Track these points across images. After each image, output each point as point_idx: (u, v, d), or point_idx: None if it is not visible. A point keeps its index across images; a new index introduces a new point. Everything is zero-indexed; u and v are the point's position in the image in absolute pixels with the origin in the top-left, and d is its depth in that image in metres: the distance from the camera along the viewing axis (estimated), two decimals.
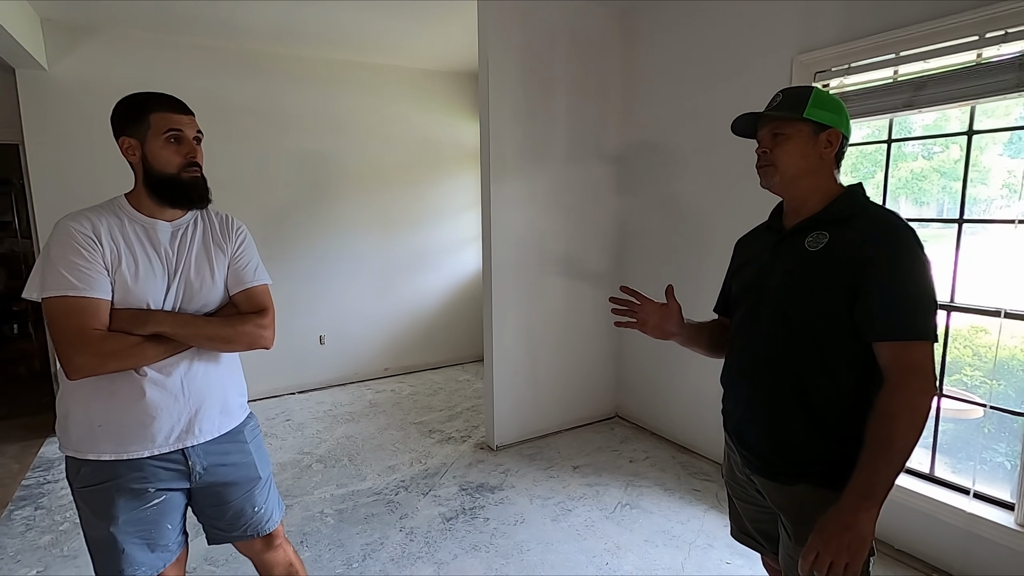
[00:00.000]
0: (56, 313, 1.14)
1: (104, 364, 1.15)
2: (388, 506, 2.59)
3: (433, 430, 3.50)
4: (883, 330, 1.03)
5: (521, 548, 2.27)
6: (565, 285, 3.36)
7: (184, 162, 1.26)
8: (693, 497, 2.64)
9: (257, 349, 1.35)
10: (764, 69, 2.55)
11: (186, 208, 1.32)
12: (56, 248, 1.16)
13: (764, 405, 1.19)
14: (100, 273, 1.17)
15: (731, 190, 2.76)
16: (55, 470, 3.01)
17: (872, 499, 0.97)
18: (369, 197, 4.35)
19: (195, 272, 1.29)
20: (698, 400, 3.04)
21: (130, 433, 1.21)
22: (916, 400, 1.00)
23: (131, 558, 1.25)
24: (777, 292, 1.17)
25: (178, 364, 1.25)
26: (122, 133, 1.26)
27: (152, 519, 1.27)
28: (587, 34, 3.20)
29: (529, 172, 3.14)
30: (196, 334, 1.25)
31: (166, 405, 1.23)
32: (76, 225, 1.18)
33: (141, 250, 1.24)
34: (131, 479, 1.22)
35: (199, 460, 1.30)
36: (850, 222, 1.11)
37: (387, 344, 4.59)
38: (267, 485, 1.46)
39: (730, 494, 1.40)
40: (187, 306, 1.28)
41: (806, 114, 1.13)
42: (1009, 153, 2.16)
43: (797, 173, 1.16)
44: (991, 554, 1.93)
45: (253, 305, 1.36)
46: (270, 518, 1.46)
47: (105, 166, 3.46)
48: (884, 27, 2.09)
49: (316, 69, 4.03)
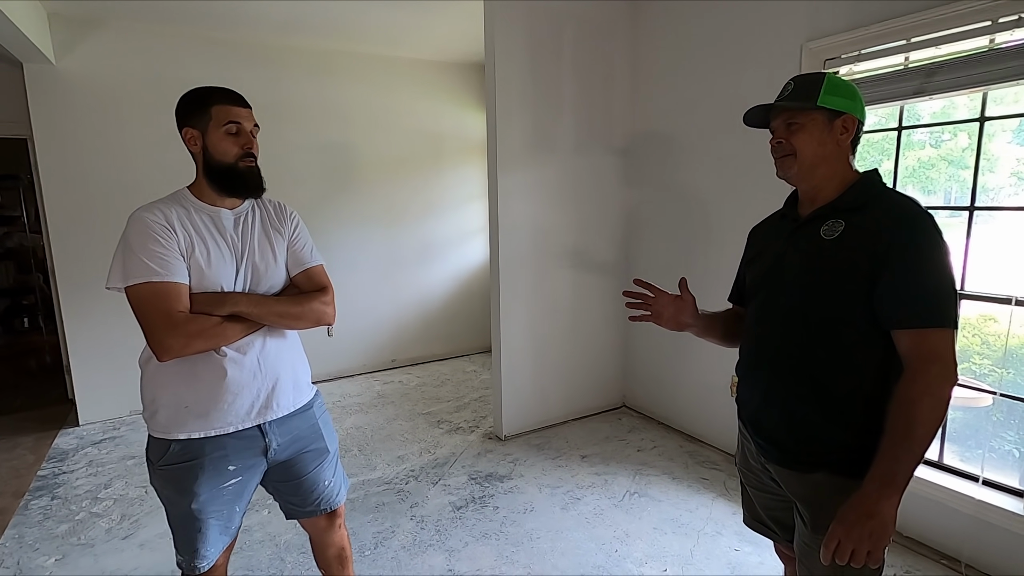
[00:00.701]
0: (142, 299, 1.21)
1: (190, 344, 1.22)
2: (398, 495, 2.62)
3: (441, 420, 3.53)
4: (902, 318, 1.02)
5: (531, 536, 2.29)
6: (572, 275, 3.36)
7: (241, 152, 1.32)
8: (701, 486, 2.66)
9: (322, 326, 1.43)
10: (773, 57, 2.53)
11: (243, 196, 1.38)
12: (135, 238, 1.22)
13: (781, 394, 1.18)
14: (178, 259, 1.24)
15: (741, 179, 2.75)
16: (69, 461, 3.06)
17: (894, 487, 0.97)
18: (375, 189, 4.36)
19: (259, 256, 1.37)
20: (705, 390, 3.05)
21: (215, 411, 1.29)
22: (936, 387, 0.99)
23: (206, 537, 1.33)
24: (793, 281, 1.16)
25: (253, 343, 1.33)
26: (185, 124, 1.33)
27: (227, 500, 1.34)
28: (594, 23, 3.18)
29: (536, 163, 3.13)
30: (269, 312, 1.33)
31: (246, 382, 1.31)
32: (150, 216, 1.25)
33: (210, 237, 1.30)
34: (214, 457, 1.30)
35: (275, 436, 1.38)
36: (866, 209, 1.10)
37: (394, 336, 4.61)
38: (335, 460, 1.54)
39: (743, 482, 1.41)
40: (255, 288, 1.36)
41: (820, 101, 1.12)
42: (1018, 141, 2.14)
43: (815, 161, 1.15)
44: (1000, 540, 1.94)
45: (314, 284, 1.45)
46: (338, 492, 1.54)
47: (114, 159, 3.48)
48: (895, 13, 2.07)
49: (322, 61, 4.03)
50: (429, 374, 4.49)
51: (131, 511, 2.54)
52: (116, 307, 3.55)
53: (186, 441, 1.28)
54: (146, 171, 3.55)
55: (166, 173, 3.63)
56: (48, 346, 5.46)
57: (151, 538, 2.33)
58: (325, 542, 1.59)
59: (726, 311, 1.46)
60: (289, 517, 1.54)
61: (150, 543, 2.30)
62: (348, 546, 1.64)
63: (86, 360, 3.52)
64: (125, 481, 2.82)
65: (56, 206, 3.36)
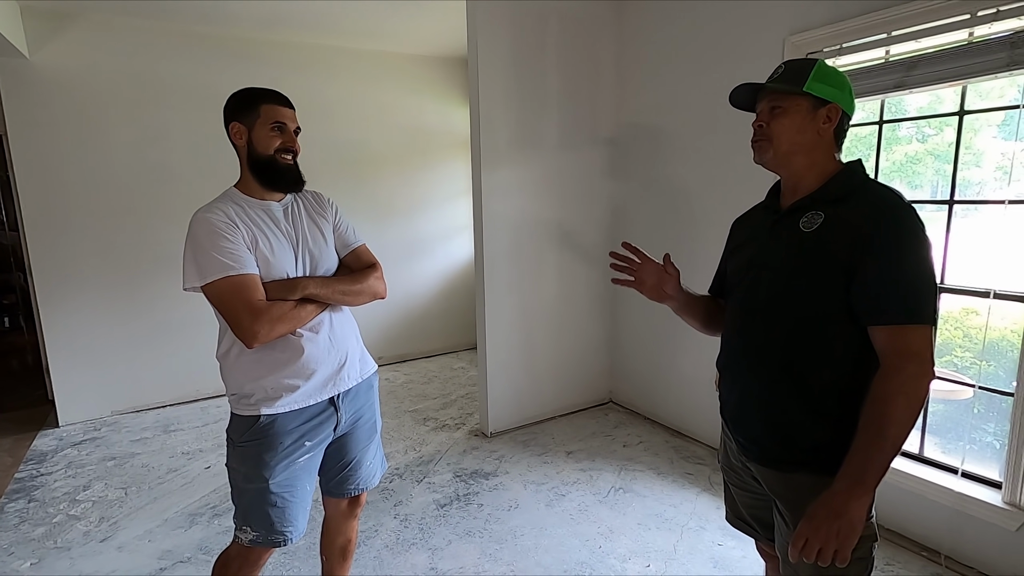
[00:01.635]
0: (223, 293, 1.27)
1: (275, 328, 1.30)
2: (382, 493, 2.60)
3: (427, 418, 3.51)
4: (878, 313, 1.00)
5: (515, 533, 2.28)
6: (558, 271, 3.35)
7: (281, 146, 1.39)
8: (686, 481, 2.66)
9: (377, 299, 1.53)
10: (757, 50, 2.52)
11: (285, 191, 1.45)
12: (204, 238, 1.28)
13: (760, 391, 1.16)
14: (247, 252, 1.31)
15: (726, 173, 2.74)
16: (48, 463, 3.01)
17: (864, 485, 0.95)
18: (360, 185, 4.31)
19: (313, 242, 1.45)
20: (691, 385, 3.05)
21: (298, 387, 1.38)
22: (911, 385, 0.96)
23: (283, 512, 1.39)
24: (772, 274, 1.14)
25: (323, 322, 1.42)
26: (233, 119, 1.39)
27: (298, 475, 1.40)
28: (578, 18, 3.16)
29: (521, 158, 3.11)
30: (334, 291, 1.42)
31: (322, 357, 1.41)
32: (213, 215, 1.31)
33: (268, 229, 1.37)
34: (293, 431, 1.38)
35: (345, 410, 1.47)
36: (847, 201, 1.07)
37: (381, 333, 4.58)
38: (379, 442, 1.65)
39: (726, 480, 1.39)
40: (314, 272, 1.44)
41: (806, 87, 1.09)
42: (1003, 135, 2.15)
43: (792, 149, 1.12)
44: (979, 532, 1.95)
45: (363, 262, 1.56)
46: (375, 473, 1.63)
47: (91, 156, 3.42)
48: (876, 7, 2.06)
49: (304, 56, 3.98)
50: (416, 371, 4.47)
51: (110, 513, 2.50)
52: (96, 307, 3.51)
53: (272, 416, 1.35)
54: (125, 168, 3.49)
55: (146, 170, 3.59)
56: (29, 346, 5.38)
57: (129, 540, 2.30)
58: (339, 529, 1.65)
59: (708, 296, 1.44)
60: (328, 495, 1.60)
61: (128, 545, 2.26)
62: (355, 540, 1.70)
63: (65, 360, 3.46)
64: (105, 483, 2.78)
65: (32, 204, 3.30)
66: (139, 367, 3.64)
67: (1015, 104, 1.92)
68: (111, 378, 3.60)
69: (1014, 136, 1.97)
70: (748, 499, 1.32)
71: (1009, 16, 1.77)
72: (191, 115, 3.56)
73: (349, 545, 1.69)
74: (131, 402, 3.69)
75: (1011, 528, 1.87)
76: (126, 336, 3.60)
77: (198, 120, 3.57)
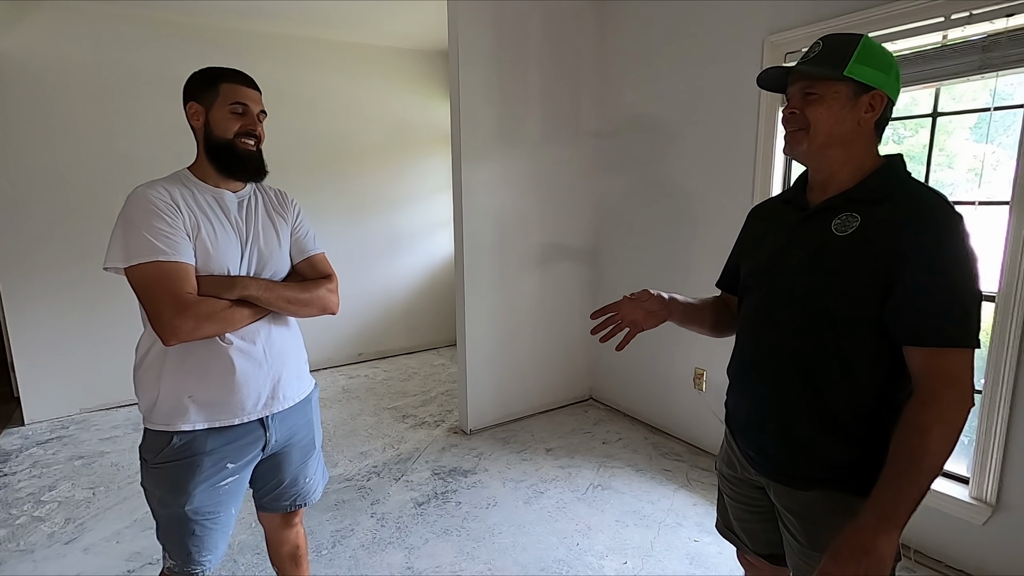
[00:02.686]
0: (148, 279, 1.14)
1: (200, 328, 1.16)
2: (359, 492, 2.57)
3: (407, 415, 3.48)
4: (917, 334, 0.90)
5: (493, 531, 2.27)
6: (540, 268, 3.34)
7: (242, 131, 1.27)
8: (664, 477, 2.67)
9: (327, 314, 1.40)
10: (737, 50, 2.53)
11: (244, 179, 1.34)
12: (138, 215, 1.15)
13: (775, 405, 1.07)
14: (184, 239, 1.18)
15: (705, 170, 2.75)
16: (12, 462, 2.91)
17: (894, 521, 0.86)
18: (339, 179, 4.25)
19: (264, 241, 1.33)
20: (670, 381, 3.07)
21: (222, 402, 1.24)
22: (950, 413, 0.88)
23: (202, 541, 1.27)
24: (796, 280, 1.03)
25: (259, 331, 1.28)
26: (191, 99, 1.28)
27: (222, 500, 1.28)
28: (560, 14, 3.14)
29: (502, 154, 3.09)
30: (278, 297, 1.28)
31: (253, 372, 1.27)
32: (153, 193, 1.18)
33: (215, 218, 1.25)
34: (213, 453, 1.25)
35: (275, 431, 1.34)
36: (886, 203, 0.95)
37: (360, 329, 4.53)
38: (319, 455, 1.52)
39: (721, 489, 1.32)
40: (260, 273, 1.31)
41: (848, 71, 0.95)
42: (975, 138, 2.19)
43: (828, 141, 0.99)
44: (947, 526, 1.99)
45: (318, 272, 1.43)
46: (316, 488, 1.52)
47: (56, 147, 3.31)
48: (852, 8, 2.08)
49: (282, 47, 3.89)
50: (396, 368, 4.43)
51: (76, 514, 2.43)
52: (64, 301, 3.40)
53: (189, 433, 1.22)
54: (93, 159, 3.38)
55: (114, 161, 3.48)
56: None
57: (96, 542, 2.23)
58: (280, 539, 1.56)
59: (714, 299, 1.35)
60: (261, 511, 1.51)
61: (95, 547, 2.20)
62: (304, 544, 1.61)
63: (32, 356, 3.35)
64: (72, 483, 2.70)
65: None
66: (109, 363, 3.54)
67: (986, 107, 1.95)
68: (80, 375, 3.50)
69: (985, 138, 2.01)
70: (742, 512, 1.25)
71: (981, 20, 1.80)
72: (161, 105, 3.46)
73: (298, 551, 1.58)
74: (101, 399, 3.59)
75: (978, 523, 1.91)
76: (96, 331, 3.50)
77: (169, 111, 3.45)
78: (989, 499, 1.90)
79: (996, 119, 1.92)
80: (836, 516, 0.98)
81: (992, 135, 1.97)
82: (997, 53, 1.78)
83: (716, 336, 1.32)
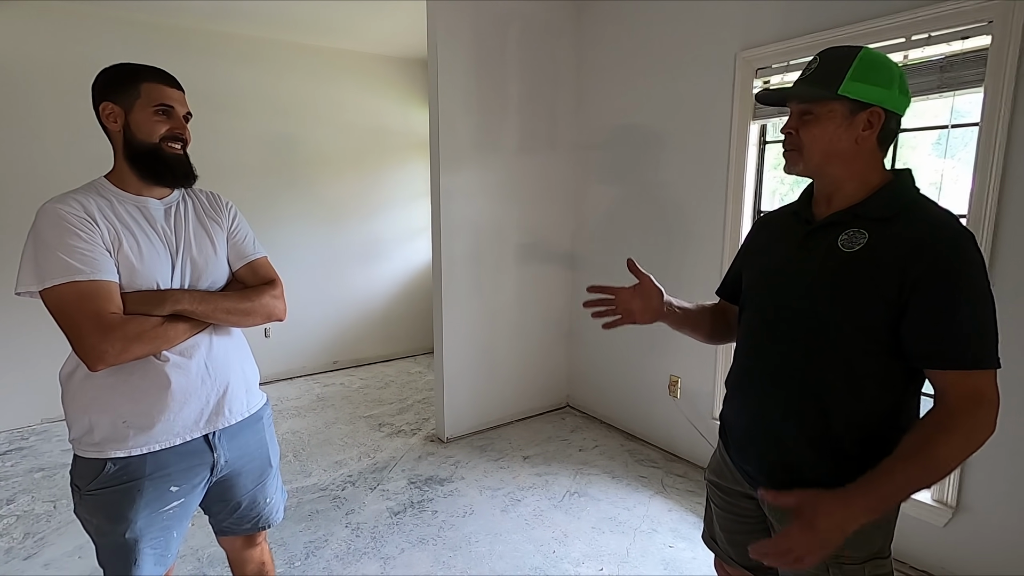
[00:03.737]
0: (65, 302, 1.05)
1: (128, 349, 1.07)
2: (334, 502, 2.53)
3: (383, 423, 3.44)
4: (940, 357, 0.89)
5: (469, 540, 2.26)
6: (517, 275, 3.35)
7: (168, 134, 1.19)
8: (639, 484, 2.70)
9: (273, 321, 1.33)
10: (710, 65, 2.59)
11: (172, 185, 1.25)
12: (49, 233, 1.06)
13: (775, 422, 1.05)
14: (104, 255, 1.09)
15: (682, 178, 2.80)
16: None
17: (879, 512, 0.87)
18: (316, 185, 4.21)
19: (197, 249, 1.24)
20: (645, 389, 3.11)
21: (159, 423, 1.16)
22: (976, 430, 0.87)
23: (144, 567, 1.19)
24: (801, 296, 1.01)
25: (198, 345, 1.20)
26: (105, 98, 1.18)
27: (166, 525, 1.21)
28: (538, 24, 3.17)
29: (480, 161, 3.10)
30: (216, 309, 1.20)
31: (193, 389, 1.19)
32: (65, 207, 1.09)
33: (139, 229, 1.16)
34: (155, 477, 1.17)
35: (224, 450, 1.26)
36: (896, 221, 0.93)
37: (336, 336, 4.47)
38: (276, 474, 1.44)
39: (709, 499, 1.30)
40: (195, 284, 1.23)
41: (842, 89, 0.93)
42: (937, 153, 2.28)
43: (824, 159, 0.98)
44: (910, 528, 2.05)
45: (260, 278, 1.34)
46: (277, 509, 1.45)
47: (17, 150, 3.21)
48: (820, 27, 2.16)
49: (257, 50, 3.85)
50: (373, 376, 4.38)
51: (36, 528, 2.34)
52: (23, 307, 3.28)
53: (125, 459, 1.13)
54: (60, 162, 3.29)
55: (83, 164, 3.38)
56: None
57: (58, 557, 2.15)
58: (244, 559, 1.49)
59: (712, 306, 1.32)
60: (221, 535, 1.43)
61: (56, 562, 2.12)
62: (269, 561, 1.54)
63: None
64: (31, 496, 2.60)
65: None
66: None
67: (945, 125, 2.04)
68: (40, 384, 3.37)
69: (944, 154, 2.10)
70: (730, 523, 1.24)
71: (939, 41, 1.88)
72: None
73: (263, 568, 1.51)
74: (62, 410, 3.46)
75: (939, 524, 1.98)
76: (57, 339, 3.37)
77: None
78: (950, 501, 1.97)
79: (955, 136, 2.01)
80: None
81: (952, 151, 2.06)
82: (952, 74, 1.87)
83: (710, 343, 1.31)
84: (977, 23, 1.78)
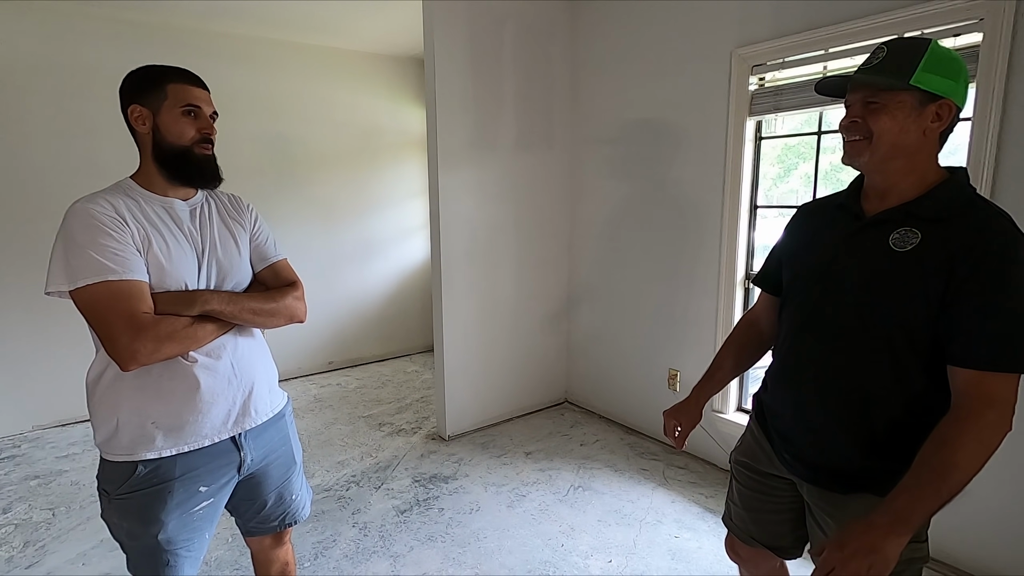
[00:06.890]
0: (98, 301, 1.05)
1: (160, 349, 1.08)
2: (339, 502, 2.53)
3: (383, 423, 3.44)
4: (966, 355, 0.89)
5: (477, 536, 2.28)
6: (515, 272, 3.36)
7: (199, 136, 1.20)
8: (642, 476, 2.74)
9: (295, 323, 1.35)
10: (706, 62, 2.63)
11: (199, 186, 1.26)
12: (81, 232, 1.06)
13: (821, 414, 1.06)
14: (135, 255, 1.09)
15: (679, 174, 2.84)
16: None
17: (907, 525, 0.86)
18: (311, 184, 4.18)
19: (222, 250, 1.25)
20: (645, 383, 3.14)
21: (188, 424, 1.16)
22: (988, 433, 0.87)
23: (176, 570, 1.20)
24: (849, 292, 1.01)
25: (225, 346, 1.21)
26: (133, 101, 1.18)
27: (197, 526, 1.22)
28: (534, 23, 3.19)
29: (477, 159, 3.11)
30: (243, 310, 1.21)
31: (220, 389, 1.20)
32: (96, 207, 1.09)
33: (167, 230, 1.17)
34: (185, 478, 1.17)
35: (250, 449, 1.27)
36: (951, 222, 0.93)
37: (332, 337, 4.45)
38: (300, 471, 1.46)
39: (736, 477, 1.30)
40: (221, 285, 1.24)
41: (914, 80, 0.91)
42: None
43: (892, 152, 0.96)
44: None
45: (281, 279, 1.36)
46: (304, 506, 1.46)
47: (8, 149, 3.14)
48: (814, 25, 2.20)
49: (250, 49, 3.81)
50: (369, 375, 4.37)
51: (36, 537, 2.30)
52: (15, 312, 3.22)
53: (155, 461, 1.14)
54: (47, 164, 3.23)
55: (70, 165, 3.33)
56: None
57: (60, 565, 2.13)
58: (270, 558, 1.50)
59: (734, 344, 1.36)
60: (248, 535, 1.44)
61: (59, 570, 2.10)
62: (292, 561, 1.55)
63: None
64: (28, 504, 2.56)
65: None
66: (64, 378, 3.37)
67: None
68: (33, 390, 3.32)
69: None
70: (758, 502, 1.25)
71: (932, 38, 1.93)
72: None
73: (287, 568, 1.53)
74: (56, 415, 3.41)
75: None
76: (49, 344, 3.33)
77: None
78: None
79: None
80: None
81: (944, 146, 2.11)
82: None
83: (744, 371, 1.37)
84: (968, 20, 1.83)
